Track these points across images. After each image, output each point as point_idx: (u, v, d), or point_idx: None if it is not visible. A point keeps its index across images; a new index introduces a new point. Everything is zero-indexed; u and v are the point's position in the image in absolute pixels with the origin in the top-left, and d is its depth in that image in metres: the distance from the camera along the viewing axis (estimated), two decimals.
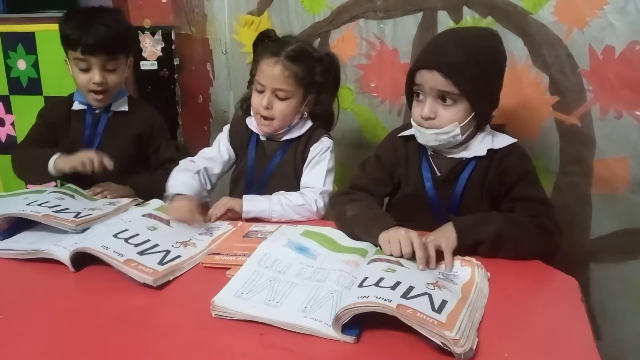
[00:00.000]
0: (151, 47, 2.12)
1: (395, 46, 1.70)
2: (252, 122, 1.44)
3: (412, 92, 1.18)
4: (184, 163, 1.42)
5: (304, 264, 1.00)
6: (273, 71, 1.32)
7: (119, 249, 1.01)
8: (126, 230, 1.10)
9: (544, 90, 1.48)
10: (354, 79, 1.77)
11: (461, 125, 1.12)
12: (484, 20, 1.52)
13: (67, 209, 1.21)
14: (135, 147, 1.59)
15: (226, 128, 1.51)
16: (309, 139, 1.42)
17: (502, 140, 1.18)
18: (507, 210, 1.17)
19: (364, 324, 0.79)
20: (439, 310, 0.78)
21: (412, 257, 0.97)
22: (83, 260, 1.02)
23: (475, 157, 1.18)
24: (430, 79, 1.10)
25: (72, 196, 1.31)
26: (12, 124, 2.17)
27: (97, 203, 1.31)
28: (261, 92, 1.36)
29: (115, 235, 1.07)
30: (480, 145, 1.17)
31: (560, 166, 1.51)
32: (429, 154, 1.22)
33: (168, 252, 1.05)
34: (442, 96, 1.11)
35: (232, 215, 1.28)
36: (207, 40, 2.05)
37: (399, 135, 1.27)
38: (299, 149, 1.42)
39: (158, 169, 1.59)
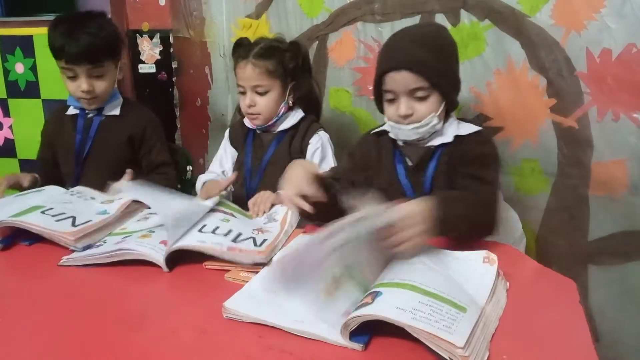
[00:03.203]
0: (149, 51, 2.11)
1: None
2: (248, 121, 1.56)
3: (380, 94, 1.22)
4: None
5: None
6: (245, 72, 1.45)
7: (214, 240, 1.04)
8: (205, 225, 1.11)
9: (541, 93, 1.49)
10: (352, 81, 1.78)
11: (437, 114, 1.18)
12: (481, 23, 1.53)
13: (67, 215, 1.16)
14: (126, 150, 1.59)
15: (227, 132, 1.63)
16: (305, 132, 1.50)
17: (469, 128, 1.23)
18: (456, 186, 1.17)
19: (372, 332, 0.77)
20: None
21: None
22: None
23: (442, 145, 1.22)
24: (401, 79, 1.16)
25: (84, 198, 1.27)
26: (10, 127, 2.17)
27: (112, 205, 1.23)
28: (243, 93, 1.48)
29: (200, 230, 1.08)
30: (447, 133, 1.22)
31: (558, 169, 1.51)
32: (400, 145, 1.27)
33: (254, 237, 1.08)
34: (414, 92, 1.16)
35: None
36: (205, 44, 2.05)
37: (371, 133, 1.33)
38: (295, 141, 1.50)
39: (151, 172, 1.59)
